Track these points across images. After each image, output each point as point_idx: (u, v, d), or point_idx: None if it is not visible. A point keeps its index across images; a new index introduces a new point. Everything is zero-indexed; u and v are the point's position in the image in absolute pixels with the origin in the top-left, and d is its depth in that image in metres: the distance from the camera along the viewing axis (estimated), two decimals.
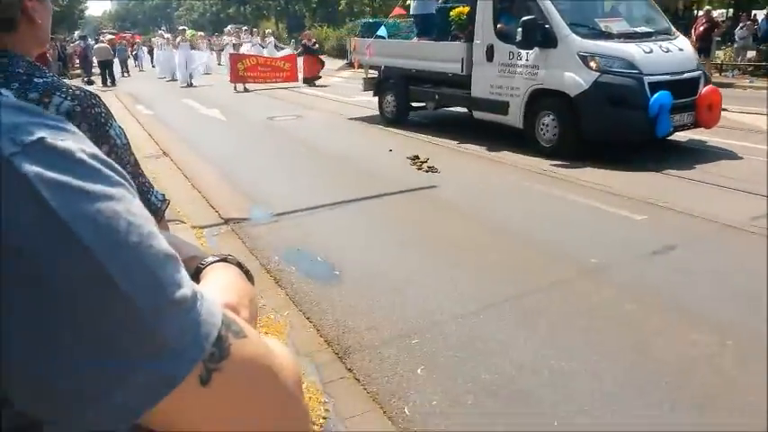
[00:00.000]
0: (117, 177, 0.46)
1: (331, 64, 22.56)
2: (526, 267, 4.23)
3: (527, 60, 7.48)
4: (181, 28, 23.70)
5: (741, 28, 17.44)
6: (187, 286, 0.47)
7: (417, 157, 7.48)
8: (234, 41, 21.63)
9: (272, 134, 10.23)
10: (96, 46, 23.28)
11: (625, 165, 6.82)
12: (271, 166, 7.76)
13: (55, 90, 0.98)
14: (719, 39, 16.36)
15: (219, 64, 26.18)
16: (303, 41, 19.77)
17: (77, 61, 24.53)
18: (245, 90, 16.89)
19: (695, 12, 21.97)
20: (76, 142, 0.46)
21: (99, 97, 1.06)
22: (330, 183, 6.77)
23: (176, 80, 20.32)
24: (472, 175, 6.97)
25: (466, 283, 4.02)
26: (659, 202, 5.49)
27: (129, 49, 29.10)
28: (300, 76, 17.86)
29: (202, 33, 29.51)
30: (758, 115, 9.41)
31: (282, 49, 21.18)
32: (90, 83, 21.84)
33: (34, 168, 0.41)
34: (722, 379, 2.90)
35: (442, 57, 9.00)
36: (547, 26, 7.17)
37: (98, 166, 0.45)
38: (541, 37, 7.16)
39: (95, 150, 0.47)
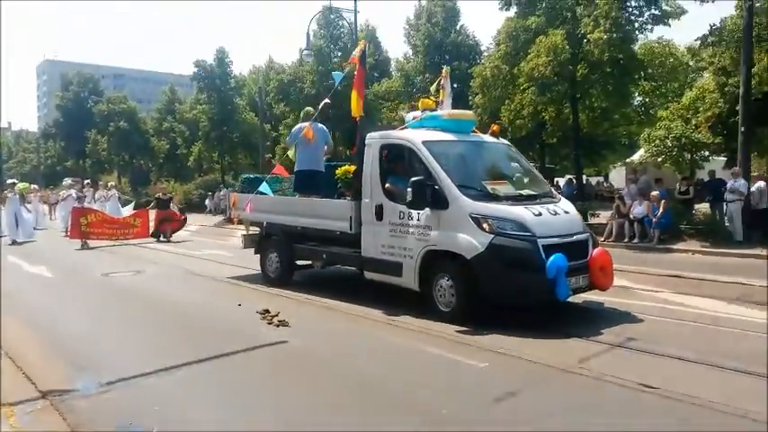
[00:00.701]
0: None
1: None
2: (381, 423, 4.09)
3: (419, 221, 7.08)
4: (10, 181, 22.13)
5: None
6: None
7: (268, 312, 7.16)
8: (76, 194, 20.03)
9: (107, 292, 9.48)
10: None
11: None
12: (102, 328, 7.09)
13: None
14: None
15: (52, 219, 24.27)
16: (157, 195, 19.07)
17: None
18: (86, 246, 15.40)
19: None
20: None
21: None
22: (170, 343, 6.27)
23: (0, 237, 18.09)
24: (329, 330, 6.80)
25: None
26: (508, 351, 5.60)
27: None
28: (152, 230, 16.89)
29: (35, 186, 27.66)
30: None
31: (129, 203, 20.53)
32: None
33: None
34: None
35: (329, 214, 8.47)
36: (436, 187, 6.87)
37: None
38: (432, 198, 6.84)
39: None
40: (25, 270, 11.81)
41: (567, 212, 7.25)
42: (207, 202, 30.38)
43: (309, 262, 9.49)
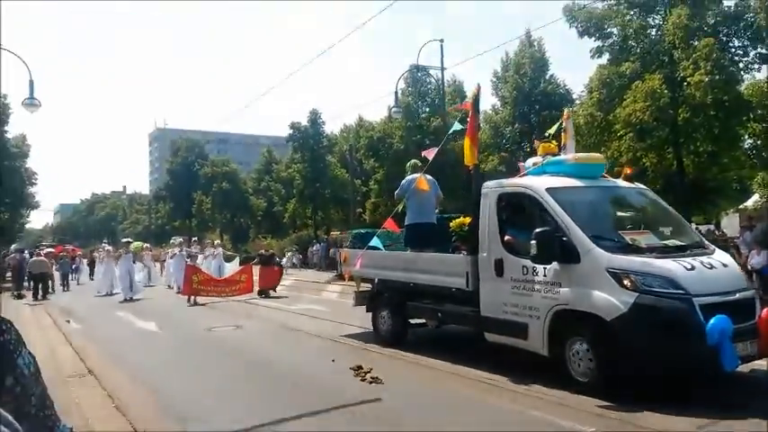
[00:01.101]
0: None
1: None
2: None
3: (545, 276, 6.20)
4: (124, 240, 23.14)
5: None
6: None
7: (361, 368, 7.03)
8: (186, 252, 20.38)
9: (209, 346, 9.64)
10: (32, 259, 21.80)
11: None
12: (205, 381, 7.19)
13: None
14: None
15: (162, 275, 24.85)
16: (260, 252, 19.69)
17: (9, 274, 23.95)
18: (195, 303, 15.53)
19: None
20: None
21: (10, 323, 1.01)
22: (269, 398, 6.29)
23: (114, 294, 18.84)
24: (422, 389, 6.48)
25: None
26: (619, 417, 5.08)
27: (70, 261, 27.52)
28: (256, 287, 17.13)
29: (148, 246, 28.21)
30: None
31: (233, 258, 21.65)
32: (20, 296, 20.12)
33: None
34: None
35: (443, 270, 7.79)
36: (565, 238, 6.02)
37: None
38: (560, 250, 5.99)
39: None
40: (136, 326, 12.14)
41: (725, 266, 6.11)
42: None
43: (423, 321, 8.95)
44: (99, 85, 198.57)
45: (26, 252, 26.30)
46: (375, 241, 8.93)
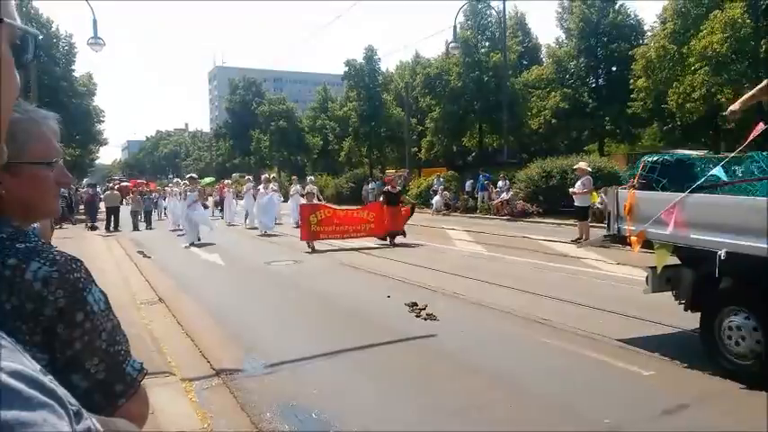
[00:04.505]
0: (40, 398, 0.42)
1: None
2: (536, 428, 3.91)
3: None
4: (189, 176, 18.36)
5: None
6: None
7: (416, 304, 7.18)
8: (297, 190, 18.82)
9: (270, 279, 10.02)
10: (106, 193, 23.25)
11: None
12: (266, 312, 7.54)
13: (34, 256, 0.99)
14: None
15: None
16: (386, 188, 15.19)
17: (82, 207, 25.36)
18: (314, 250, 13.18)
19: None
20: None
21: (81, 262, 1.05)
22: (326, 329, 6.49)
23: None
24: (481, 328, 6.42)
25: None
26: (677, 362, 5.03)
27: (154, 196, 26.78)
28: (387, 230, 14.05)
29: (227, 181, 26.78)
30: None
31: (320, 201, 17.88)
32: (93, 228, 21.43)
33: None
34: None
35: None
36: None
37: (18, 386, 0.41)
38: None
39: (18, 367, 0.43)
40: (202, 258, 12.75)
41: None
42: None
43: None
44: (160, 25, 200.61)
45: (98, 187, 27.55)
46: (719, 171, 4.87)
